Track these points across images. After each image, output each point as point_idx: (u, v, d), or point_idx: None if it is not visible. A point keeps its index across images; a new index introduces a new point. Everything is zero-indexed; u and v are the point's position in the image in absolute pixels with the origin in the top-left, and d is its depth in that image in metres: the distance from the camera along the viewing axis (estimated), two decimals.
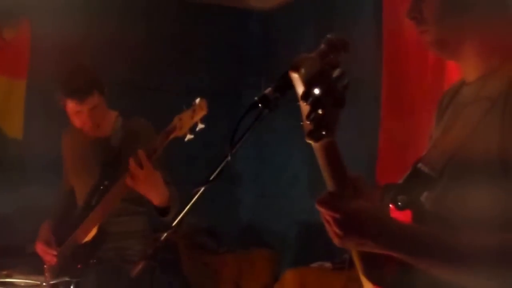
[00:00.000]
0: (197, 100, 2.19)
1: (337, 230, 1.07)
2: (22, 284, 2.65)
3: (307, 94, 1.00)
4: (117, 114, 2.59)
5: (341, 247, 1.12)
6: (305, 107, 1.02)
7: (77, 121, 2.49)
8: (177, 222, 1.50)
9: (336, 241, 1.10)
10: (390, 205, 1.16)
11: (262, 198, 4.49)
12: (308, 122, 1.01)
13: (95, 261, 2.38)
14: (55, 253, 2.49)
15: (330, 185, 1.09)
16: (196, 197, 1.40)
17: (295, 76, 1.05)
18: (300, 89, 1.04)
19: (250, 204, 4.57)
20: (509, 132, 1.09)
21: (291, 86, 1.22)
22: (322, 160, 1.08)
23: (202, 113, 2.18)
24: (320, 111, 0.99)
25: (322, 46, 1.22)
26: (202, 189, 1.38)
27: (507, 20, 1.20)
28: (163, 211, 2.28)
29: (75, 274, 2.37)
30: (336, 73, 1.02)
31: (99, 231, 2.40)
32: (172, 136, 2.20)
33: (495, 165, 1.10)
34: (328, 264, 3.36)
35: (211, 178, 1.36)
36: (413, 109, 3.24)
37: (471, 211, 1.12)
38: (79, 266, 2.38)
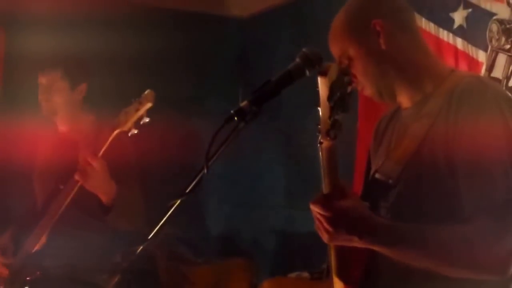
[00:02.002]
0: (146, 92, 2.09)
1: (328, 227, 1.22)
2: None
3: (332, 96, 1.15)
4: (93, 119, 2.47)
5: (329, 243, 1.28)
6: (325, 109, 1.17)
7: (39, 97, 2.40)
8: (153, 234, 1.51)
9: (325, 237, 1.26)
10: None
11: (239, 208, 4.48)
12: (328, 122, 1.16)
13: (39, 272, 2.25)
14: (6, 262, 2.36)
15: (325, 185, 1.24)
16: (172, 209, 1.41)
17: (322, 80, 1.17)
18: (324, 92, 1.17)
19: (228, 214, 4.56)
20: (453, 141, 1.27)
21: (268, 98, 1.27)
22: (325, 160, 1.23)
23: (147, 105, 2.08)
24: (340, 112, 1.13)
25: (297, 60, 1.28)
26: (178, 201, 1.39)
27: (425, 52, 1.43)
28: (106, 210, 2.18)
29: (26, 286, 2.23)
30: (346, 79, 1.17)
31: (48, 240, 2.28)
32: (116, 132, 2.11)
33: (442, 170, 1.28)
34: (305, 274, 3.35)
35: (187, 191, 1.37)
36: None
37: (423, 211, 1.30)
38: (28, 278, 2.26)
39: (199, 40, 4.48)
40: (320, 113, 1.18)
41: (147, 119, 2.09)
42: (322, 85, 1.18)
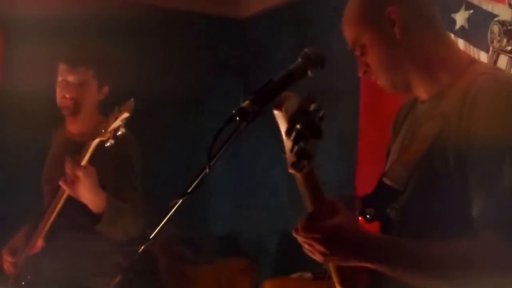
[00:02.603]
0: (127, 101, 2.04)
1: (322, 249, 1.15)
2: None
3: (290, 130, 1.07)
4: (102, 120, 2.39)
5: (324, 262, 1.21)
6: (288, 142, 1.09)
7: (59, 93, 2.34)
8: (154, 234, 1.50)
9: (319, 259, 1.18)
10: (360, 218, 1.23)
11: (241, 208, 4.49)
12: (291, 155, 1.08)
13: (29, 277, 2.23)
14: (12, 261, 2.35)
15: (309, 207, 1.16)
16: (174, 209, 1.40)
17: (278, 114, 1.10)
18: (283, 125, 1.10)
19: (229, 214, 4.56)
20: (464, 147, 1.20)
21: (269, 98, 1.26)
22: (302, 187, 1.15)
23: (125, 114, 2.01)
24: (302, 144, 1.06)
25: (299, 60, 1.27)
26: (180, 201, 1.39)
27: (444, 42, 1.35)
28: (95, 219, 2.15)
29: None
30: (312, 107, 1.07)
31: (45, 244, 2.26)
32: (97, 141, 2.07)
33: (453, 176, 1.21)
34: (308, 275, 3.35)
35: (189, 190, 1.37)
36: (391, 119, 3.26)
37: (433, 220, 1.24)
38: (22, 282, 2.25)
39: (200, 40, 4.48)
40: (285, 145, 1.11)
41: (122, 130, 2.02)
42: (279, 119, 1.11)
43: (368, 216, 1.25)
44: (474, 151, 1.19)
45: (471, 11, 2.75)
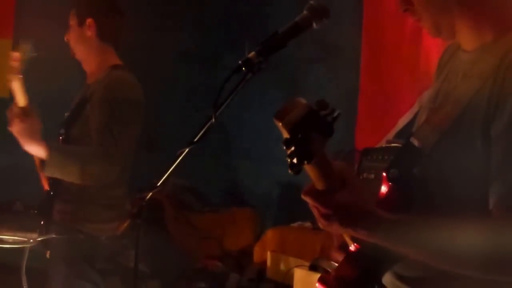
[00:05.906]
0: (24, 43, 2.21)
1: (322, 221, 1.13)
2: (10, 240, 2.66)
3: (289, 141, 1.01)
4: (111, 65, 2.36)
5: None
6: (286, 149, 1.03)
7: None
8: (162, 182, 1.54)
9: (320, 225, 1.16)
10: (384, 174, 1.18)
11: (245, 159, 4.54)
12: (288, 159, 1.02)
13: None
14: None
15: (319, 186, 1.10)
16: (180, 158, 1.44)
17: (279, 124, 1.04)
18: (284, 134, 1.03)
19: (234, 165, 4.62)
20: (492, 113, 1.11)
21: (275, 50, 1.27)
22: (311, 174, 1.09)
23: (16, 54, 2.21)
24: (303, 149, 1.00)
25: (305, 12, 1.28)
26: (186, 150, 1.42)
27: None
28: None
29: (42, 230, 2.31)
30: (323, 113, 1.02)
31: (52, 185, 2.32)
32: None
33: (477, 145, 1.13)
34: (308, 224, 3.44)
35: (195, 140, 1.40)
36: (391, 75, 3.29)
37: (451, 189, 1.17)
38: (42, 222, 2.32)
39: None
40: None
41: (34, 54, 2.21)
42: (281, 128, 1.03)
43: (391, 177, 1.19)
44: (501, 122, 1.09)
45: None
